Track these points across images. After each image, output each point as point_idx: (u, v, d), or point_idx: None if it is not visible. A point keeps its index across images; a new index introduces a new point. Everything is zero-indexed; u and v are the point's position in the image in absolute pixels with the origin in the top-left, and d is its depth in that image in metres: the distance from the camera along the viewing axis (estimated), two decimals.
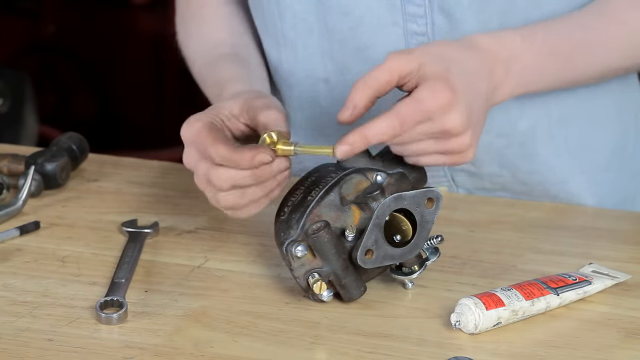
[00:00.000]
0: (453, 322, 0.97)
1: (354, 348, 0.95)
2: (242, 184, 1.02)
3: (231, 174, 1.01)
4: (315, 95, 1.26)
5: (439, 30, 1.19)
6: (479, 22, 1.17)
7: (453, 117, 1.00)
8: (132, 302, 1.01)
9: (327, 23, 1.21)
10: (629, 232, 1.22)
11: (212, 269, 1.09)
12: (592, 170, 1.27)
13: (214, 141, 1.02)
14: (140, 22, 2.97)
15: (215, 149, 1.01)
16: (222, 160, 1.01)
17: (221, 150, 1.01)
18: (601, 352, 0.95)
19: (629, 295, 1.04)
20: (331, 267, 0.99)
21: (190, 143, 1.05)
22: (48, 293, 1.03)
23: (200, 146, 1.03)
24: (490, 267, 1.09)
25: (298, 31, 1.23)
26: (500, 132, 1.23)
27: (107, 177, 1.31)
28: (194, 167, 1.05)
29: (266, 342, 0.96)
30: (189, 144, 1.05)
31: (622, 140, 1.30)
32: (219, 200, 1.04)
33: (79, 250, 1.12)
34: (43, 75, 3.02)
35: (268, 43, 1.27)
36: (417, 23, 1.19)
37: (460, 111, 1.00)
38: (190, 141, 1.04)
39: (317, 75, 1.25)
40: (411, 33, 1.19)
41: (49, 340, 0.95)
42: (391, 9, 1.19)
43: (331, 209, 1.00)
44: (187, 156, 1.06)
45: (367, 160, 1.04)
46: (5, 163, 1.28)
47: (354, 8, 1.20)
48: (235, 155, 1.01)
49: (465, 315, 0.96)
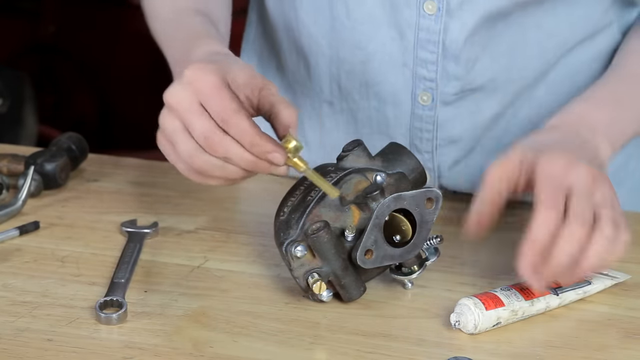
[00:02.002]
0: (453, 322, 0.97)
1: (354, 348, 0.95)
2: (234, 162, 0.97)
3: (234, 148, 0.96)
4: (318, 114, 1.27)
5: (447, 75, 1.19)
6: (490, 61, 1.17)
7: (578, 172, 0.98)
8: (131, 302, 1.01)
9: (338, 52, 1.21)
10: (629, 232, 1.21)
11: (211, 269, 1.09)
12: None
13: (239, 110, 0.96)
14: (140, 22, 2.95)
15: (240, 120, 0.96)
16: (240, 134, 0.96)
17: (245, 126, 0.96)
18: (601, 352, 0.95)
19: (629, 295, 1.04)
20: (331, 267, 0.99)
21: (192, 91, 0.97)
22: (48, 293, 1.03)
23: (212, 103, 0.96)
24: (490, 267, 1.09)
25: (312, 50, 1.23)
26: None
27: (107, 177, 1.31)
28: (181, 111, 0.97)
29: (266, 342, 0.96)
30: (188, 89, 0.97)
31: (626, 157, 1.29)
32: (193, 159, 0.98)
33: (78, 250, 1.12)
34: (43, 76, 3.02)
35: (286, 48, 1.27)
36: (427, 69, 1.19)
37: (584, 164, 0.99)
38: (198, 91, 0.97)
39: (323, 97, 1.25)
40: (420, 77, 1.19)
41: (49, 341, 0.95)
42: (404, 51, 1.19)
43: (331, 209, 1.00)
44: (179, 97, 0.98)
45: (367, 160, 1.04)
46: (4, 163, 1.28)
47: (367, 44, 1.20)
48: (256, 138, 0.96)
49: (465, 315, 0.96)
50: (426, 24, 1.16)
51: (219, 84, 0.97)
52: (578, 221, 0.94)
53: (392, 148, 1.06)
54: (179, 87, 0.98)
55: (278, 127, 1.00)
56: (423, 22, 1.17)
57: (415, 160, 1.05)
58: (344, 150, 1.04)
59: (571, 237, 0.94)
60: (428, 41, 1.17)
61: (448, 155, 1.24)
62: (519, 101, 1.22)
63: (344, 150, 1.04)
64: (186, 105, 0.97)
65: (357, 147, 1.04)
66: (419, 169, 1.05)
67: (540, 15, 1.17)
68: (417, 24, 1.17)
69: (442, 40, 1.17)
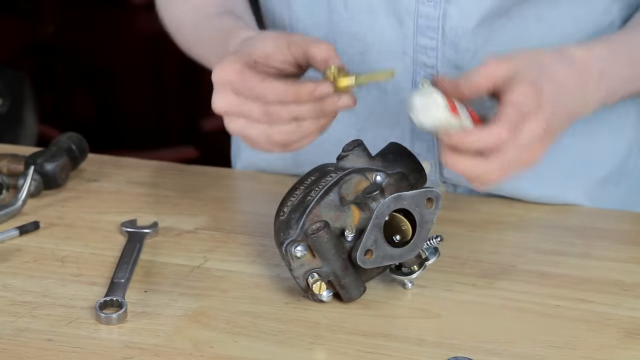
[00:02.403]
0: (415, 104, 0.98)
1: (354, 348, 0.95)
2: (303, 116, 1.00)
3: (291, 108, 1.00)
4: None
5: (448, 62, 1.19)
6: (491, 52, 1.17)
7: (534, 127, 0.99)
8: (131, 302, 1.01)
9: (336, 44, 1.21)
10: (629, 232, 1.22)
11: (211, 269, 1.09)
12: (589, 185, 1.27)
13: (264, 79, 1.00)
14: (140, 22, 2.97)
15: (269, 85, 0.99)
16: (278, 96, 0.99)
17: (276, 87, 0.99)
18: (601, 352, 0.95)
19: (629, 295, 1.04)
20: (331, 267, 0.99)
21: (226, 85, 1.02)
22: (48, 293, 1.03)
23: (243, 87, 1.00)
24: (490, 267, 1.09)
25: None
26: None
27: (107, 177, 1.31)
28: (230, 109, 1.02)
29: (266, 342, 0.96)
30: (223, 87, 1.02)
31: (625, 156, 1.29)
32: (271, 137, 1.02)
33: (78, 250, 1.12)
34: (42, 76, 3.03)
35: None
36: (428, 55, 1.19)
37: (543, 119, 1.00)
38: (227, 83, 1.01)
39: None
40: (420, 64, 1.20)
41: (49, 341, 0.95)
42: (403, 39, 1.19)
43: (331, 209, 1.00)
44: (220, 100, 1.02)
45: (367, 160, 1.04)
46: (4, 163, 1.28)
47: (366, 34, 1.20)
48: (293, 88, 0.99)
49: (429, 106, 0.98)
50: (425, 10, 1.18)
51: (240, 69, 1.01)
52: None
53: (392, 148, 1.06)
54: (215, 94, 1.03)
55: (318, 67, 1.02)
56: (422, 9, 1.18)
57: (415, 160, 1.05)
58: (344, 150, 1.04)
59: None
60: (428, 27, 1.18)
61: None
62: None
63: (344, 150, 1.04)
64: (222, 103, 1.02)
65: (357, 147, 1.04)
66: (419, 169, 1.05)
67: (543, 9, 1.17)
68: (417, 11, 1.18)
69: (441, 26, 1.18)
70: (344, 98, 1.01)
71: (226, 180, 1.36)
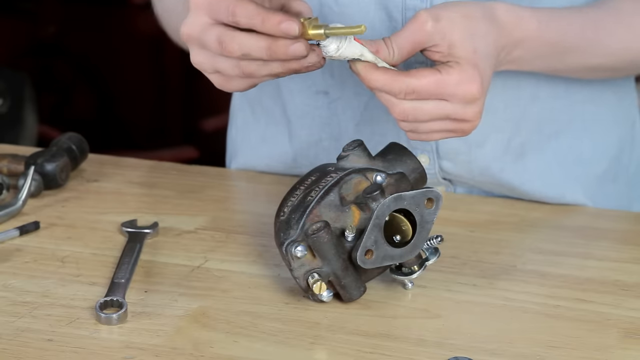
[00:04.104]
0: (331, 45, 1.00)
1: (354, 348, 0.95)
2: (254, 55, 0.98)
3: (245, 40, 0.97)
4: (316, 105, 1.26)
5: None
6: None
7: (475, 111, 1.02)
8: (131, 303, 1.01)
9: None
10: (629, 232, 1.22)
11: (211, 269, 1.09)
12: (587, 182, 1.27)
13: (238, 1, 0.97)
14: (140, 22, 2.97)
15: (242, 6, 0.97)
16: (248, 17, 0.96)
17: (251, 8, 0.96)
18: (600, 352, 0.95)
19: (629, 295, 1.04)
20: (331, 267, 0.99)
21: (200, 7, 0.99)
22: (48, 293, 1.03)
23: (216, 9, 0.98)
24: (490, 267, 1.09)
25: None
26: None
27: (107, 177, 1.31)
28: (200, 33, 0.99)
29: (266, 343, 0.96)
30: (198, 9, 0.99)
31: (618, 151, 1.29)
32: (240, 65, 1.00)
33: (78, 250, 1.12)
34: (43, 76, 3.02)
35: None
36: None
37: (482, 103, 1.02)
38: (202, 5, 0.99)
39: (317, 87, 1.25)
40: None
41: (49, 341, 0.95)
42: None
43: (331, 209, 1.00)
44: (191, 24, 1.00)
45: (367, 160, 1.04)
46: (5, 163, 1.28)
47: None
48: (263, 13, 0.96)
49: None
50: (413, 3, 1.18)
51: None
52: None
53: (392, 148, 1.06)
54: (188, 18, 1.00)
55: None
56: (410, 2, 1.18)
57: (415, 160, 1.05)
58: (344, 150, 1.04)
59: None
60: None
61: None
62: (517, 87, 1.22)
63: (344, 150, 1.05)
64: (193, 27, 1.00)
65: (357, 147, 1.04)
66: (419, 170, 1.05)
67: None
68: (404, 5, 1.19)
69: None
70: (310, 58, 0.99)
71: (226, 180, 1.36)
